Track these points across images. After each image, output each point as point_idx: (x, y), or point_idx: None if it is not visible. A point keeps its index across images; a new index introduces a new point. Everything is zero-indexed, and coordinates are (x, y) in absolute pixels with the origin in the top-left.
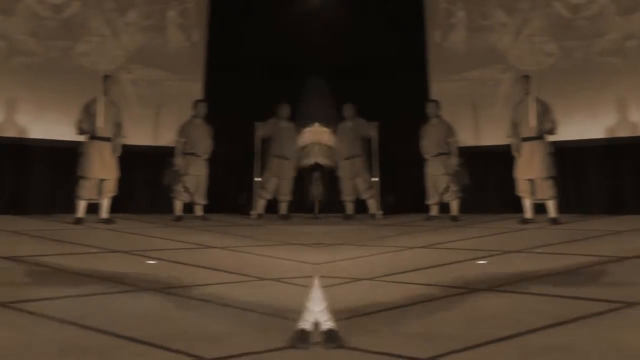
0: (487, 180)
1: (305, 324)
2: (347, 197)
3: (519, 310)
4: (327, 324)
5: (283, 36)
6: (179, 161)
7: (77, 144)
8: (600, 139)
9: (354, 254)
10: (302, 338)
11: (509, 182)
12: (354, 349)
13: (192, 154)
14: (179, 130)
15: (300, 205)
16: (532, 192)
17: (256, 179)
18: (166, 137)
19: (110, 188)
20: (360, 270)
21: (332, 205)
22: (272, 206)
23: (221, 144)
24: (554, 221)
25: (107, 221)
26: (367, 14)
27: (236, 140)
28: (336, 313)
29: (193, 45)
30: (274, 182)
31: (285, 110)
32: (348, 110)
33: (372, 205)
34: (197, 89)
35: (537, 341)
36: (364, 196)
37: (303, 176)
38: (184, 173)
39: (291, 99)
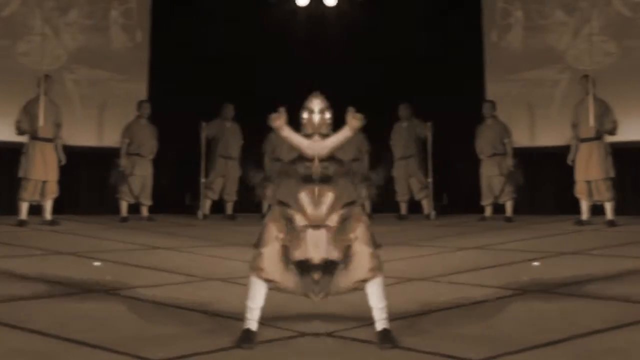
0: (542, 181)
1: (251, 323)
2: (402, 198)
3: (574, 313)
4: (381, 323)
5: (227, 34)
6: (124, 162)
7: (20, 144)
8: None
9: (407, 254)
10: (247, 338)
11: (565, 183)
12: (408, 349)
13: (138, 154)
14: (123, 130)
15: (246, 204)
16: (590, 194)
17: (202, 179)
18: (111, 138)
19: (53, 189)
20: (413, 271)
21: (385, 205)
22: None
23: (166, 144)
24: (611, 223)
25: (51, 223)
26: (422, 13)
27: (181, 140)
28: (389, 313)
29: (136, 45)
30: (219, 182)
31: (229, 110)
32: (403, 110)
33: (426, 205)
34: (141, 89)
35: (593, 344)
36: (418, 196)
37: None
38: (129, 174)
39: (235, 99)
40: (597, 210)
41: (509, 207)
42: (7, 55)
